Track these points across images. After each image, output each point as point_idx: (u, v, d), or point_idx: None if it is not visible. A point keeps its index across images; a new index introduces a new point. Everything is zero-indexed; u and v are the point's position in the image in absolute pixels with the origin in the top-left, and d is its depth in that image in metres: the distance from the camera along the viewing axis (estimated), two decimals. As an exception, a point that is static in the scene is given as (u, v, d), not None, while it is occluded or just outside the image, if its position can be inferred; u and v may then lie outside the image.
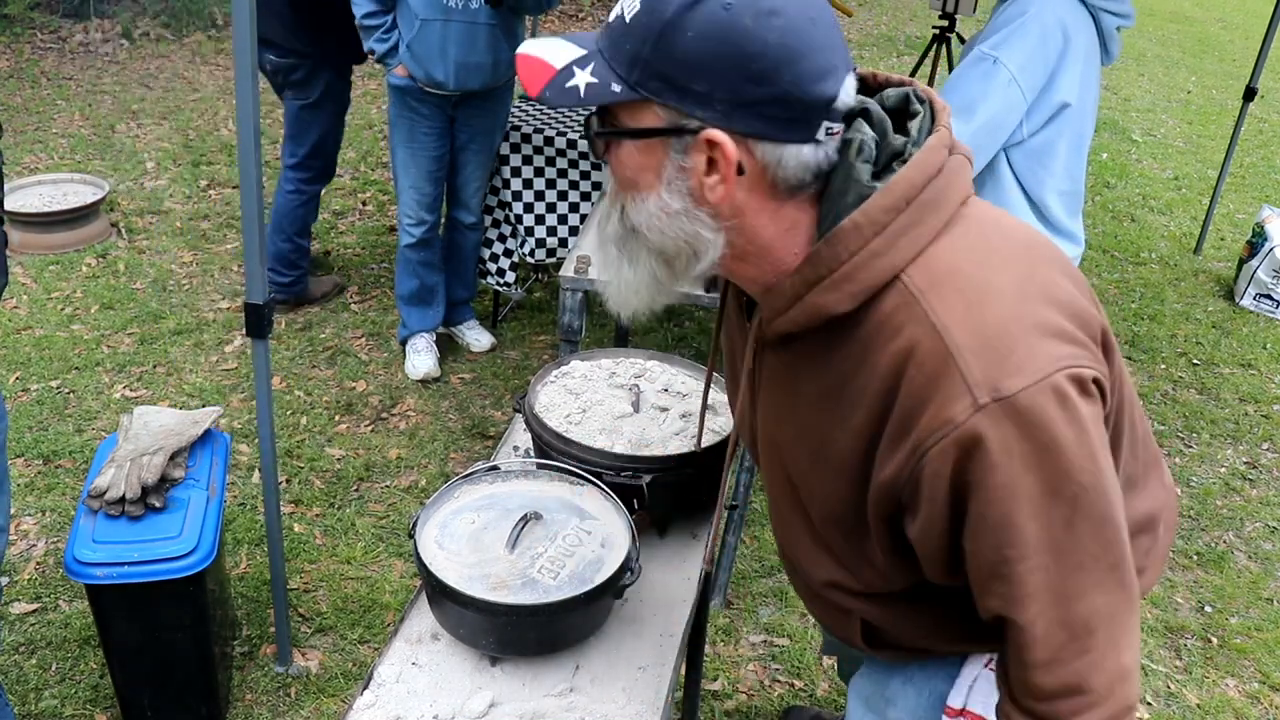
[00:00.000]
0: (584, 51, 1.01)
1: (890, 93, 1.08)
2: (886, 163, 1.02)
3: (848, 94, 0.99)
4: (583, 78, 0.98)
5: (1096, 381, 1.00)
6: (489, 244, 3.94)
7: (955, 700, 1.34)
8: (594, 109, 1.04)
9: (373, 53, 3.32)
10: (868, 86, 1.10)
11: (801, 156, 0.98)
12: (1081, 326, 1.01)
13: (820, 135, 0.98)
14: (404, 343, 3.81)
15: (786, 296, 1.04)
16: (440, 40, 3.19)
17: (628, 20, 0.98)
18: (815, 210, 1.03)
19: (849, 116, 1.02)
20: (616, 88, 0.98)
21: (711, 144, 0.97)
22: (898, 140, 1.02)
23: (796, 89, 0.94)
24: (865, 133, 1.01)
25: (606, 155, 1.05)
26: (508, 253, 3.93)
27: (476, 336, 3.98)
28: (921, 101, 1.07)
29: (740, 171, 0.98)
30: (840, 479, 1.11)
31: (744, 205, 1.01)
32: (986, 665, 1.33)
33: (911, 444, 0.99)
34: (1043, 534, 0.98)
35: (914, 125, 1.04)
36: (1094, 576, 1.01)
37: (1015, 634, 1.04)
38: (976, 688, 1.33)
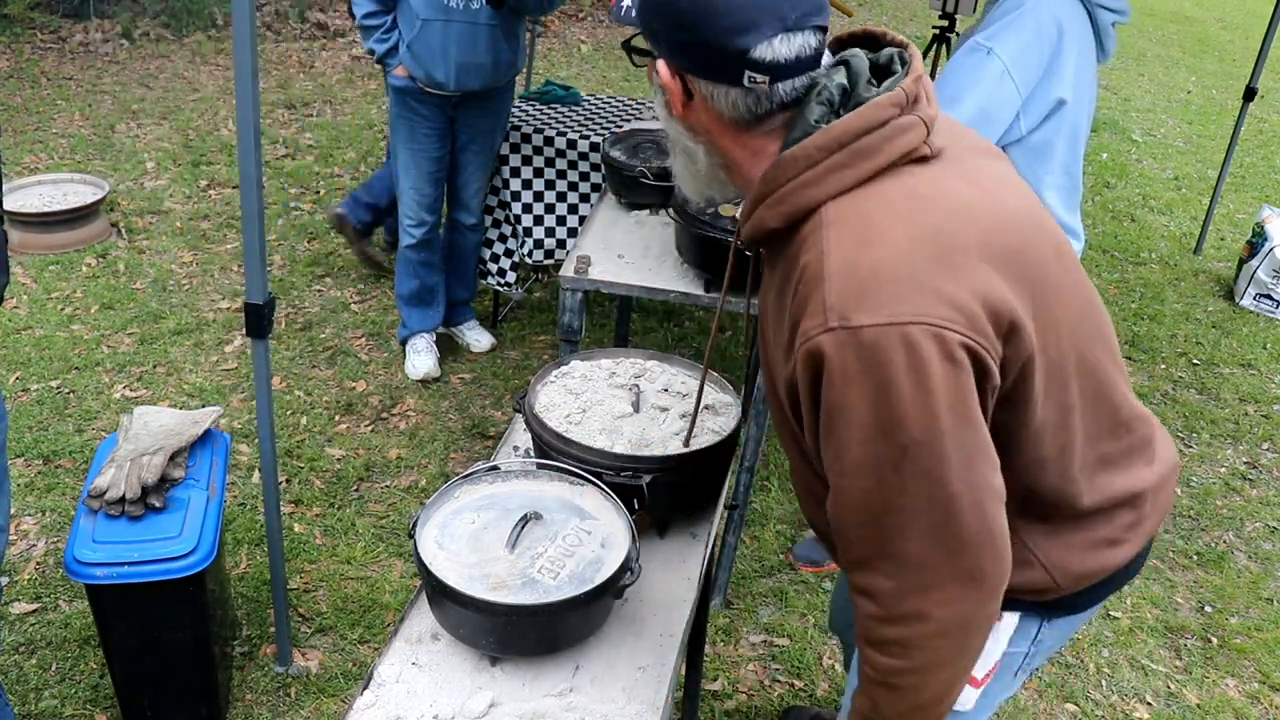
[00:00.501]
0: None
1: (885, 51, 1.24)
2: (852, 108, 1.15)
3: (779, 50, 1.12)
4: (626, 3, 1.49)
5: (970, 350, 1.07)
6: (489, 244, 3.94)
7: None
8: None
9: (373, 53, 3.32)
10: (877, 42, 1.27)
11: (730, 96, 1.16)
12: (976, 299, 1.08)
13: (745, 82, 1.14)
14: (404, 343, 3.81)
15: (746, 210, 1.22)
16: (441, 40, 3.19)
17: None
18: (782, 140, 1.18)
19: (837, 62, 1.21)
20: (634, 14, 1.32)
21: (659, 71, 1.21)
22: (868, 92, 1.15)
23: (713, 38, 1.13)
24: (834, 80, 1.16)
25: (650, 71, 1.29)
26: (508, 253, 3.93)
27: (477, 337, 3.98)
28: (904, 63, 1.20)
29: (689, 97, 1.20)
30: (778, 384, 1.25)
31: (708, 126, 1.22)
32: None
33: (795, 348, 1.12)
34: (868, 461, 1.10)
35: (888, 83, 1.17)
36: (915, 524, 1.11)
37: (835, 534, 1.20)
38: None
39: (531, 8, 3.36)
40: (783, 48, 1.12)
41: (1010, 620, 1.39)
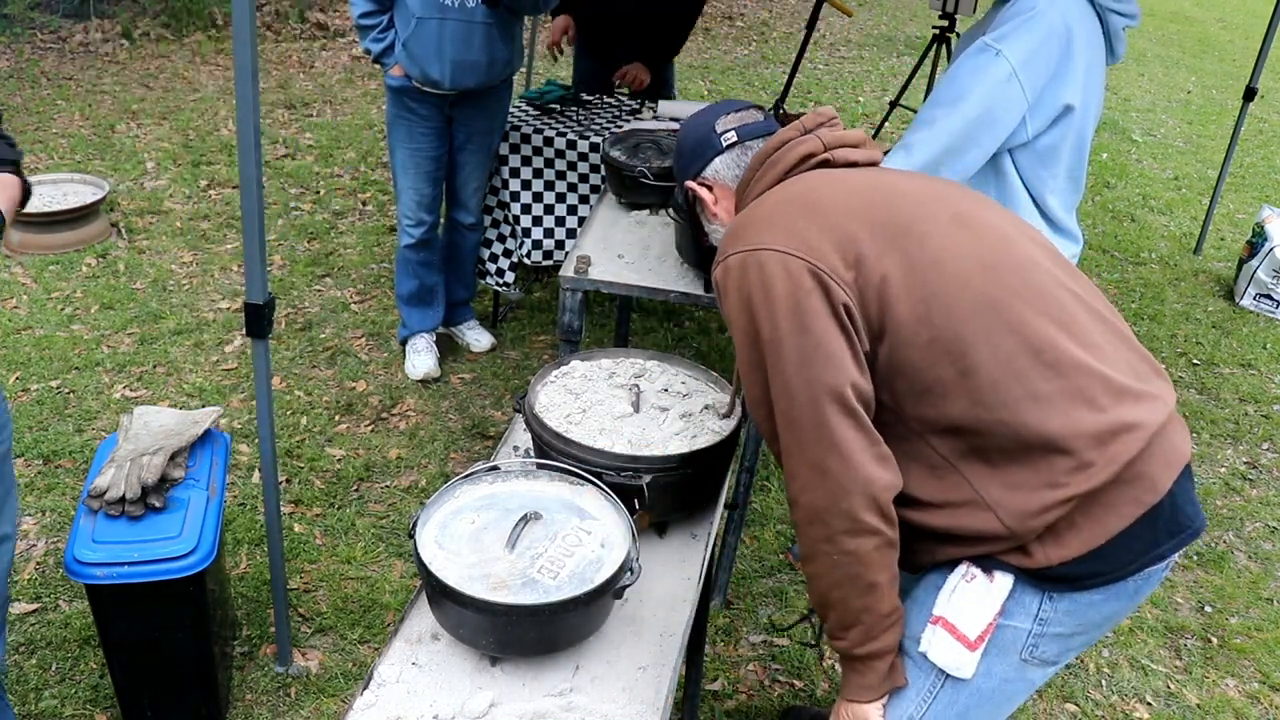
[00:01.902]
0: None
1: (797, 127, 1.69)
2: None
3: (729, 121, 1.70)
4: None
5: (813, 274, 1.38)
6: (488, 244, 3.94)
7: (937, 609, 1.45)
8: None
9: (369, 53, 3.32)
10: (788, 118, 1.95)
11: (726, 160, 1.69)
12: (825, 237, 1.40)
13: (722, 144, 1.68)
14: (404, 343, 3.81)
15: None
16: (437, 39, 3.19)
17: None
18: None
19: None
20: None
21: (690, 190, 1.75)
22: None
23: (691, 143, 1.73)
24: (748, 156, 1.69)
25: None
26: (507, 253, 3.92)
27: (476, 337, 3.98)
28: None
29: (709, 189, 1.72)
30: None
31: (727, 210, 1.71)
32: (964, 578, 1.43)
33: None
34: (747, 360, 1.44)
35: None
36: (778, 414, 1.41)
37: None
38: (955, 597, 1.44)
39: (526, 8, 3.35)
40: (732, 119, 1.70)
41: (1003, 581, 1.41)
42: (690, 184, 1.71)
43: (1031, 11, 2.09)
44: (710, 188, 1.70)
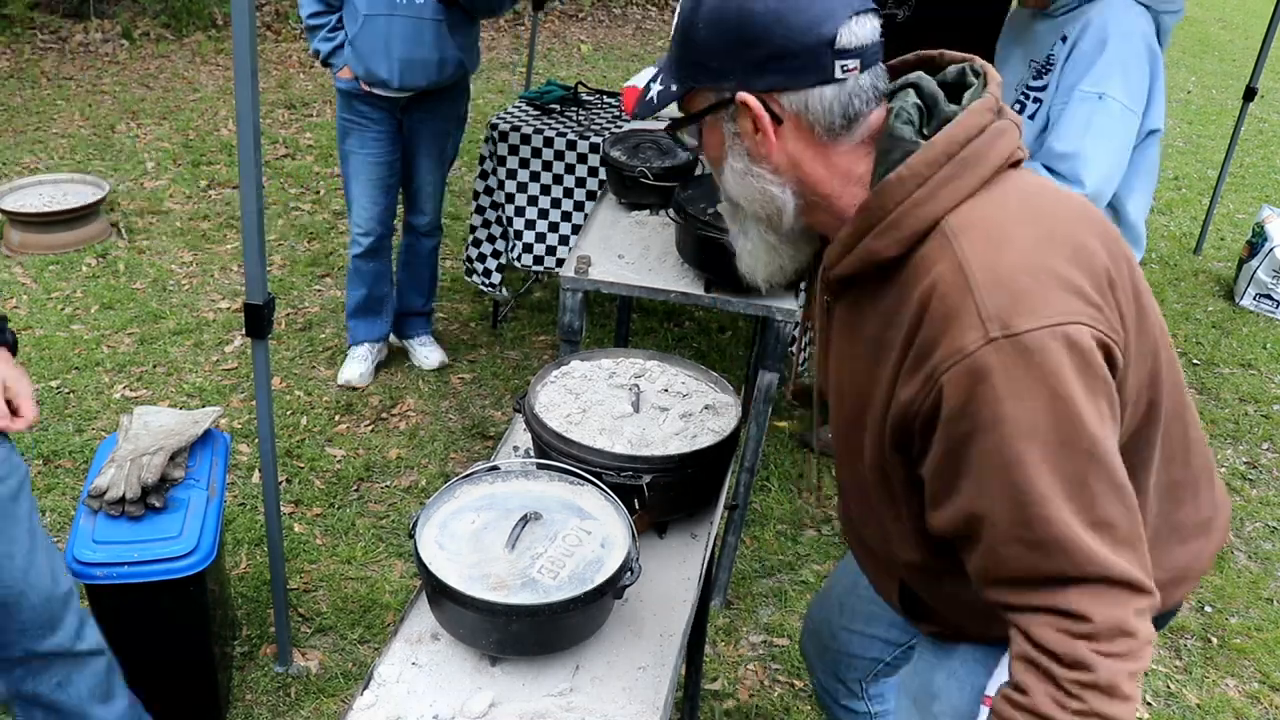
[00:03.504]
0: (655, 71, 1.25)
1: (950, 69, 1.20)
2: (938, 126, 1.12)
3: (858, 33, 1.11)
4: (654, 89, 1.22)
5: (1106, 346, 1.04)
6: (478, 244, 3.91)
7: (991, 689, 1.37)
8: (680, 113, 1.24)
9: (318, 54, 3.26)
10: (934, 64, 1.23)
11: (825, 98, 1.12)
12: (1098, 289, 1.06)
13: (839, 73, 1.11)
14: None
15: (843, 244, 1.16)
16: (384, 36, 3.11)
17: (671, 35, 1.21)
18: (870, 165, 1.15)
19: (899, 85, 1.18)
20: (673, 87, 1.20)
21: (744, 105, 1.13)
22: (949, 108, 1.13)
23: (794, 39, 1.09)
24: (907, 101, 1.14)
25: (699, 148, 1.25)
26: (496, 254, 3.90)
27: (427, 354, 3.82)
28: (977, 75, 1.17)
29: (778, 122, 1.14)
30: (877, 420, 1.18)
31: (796, 156, 1.16)
32: None
33: (928, 370, 1.06)
34: (1059, 484, 1.01)
35: (967, 95, 1.14)
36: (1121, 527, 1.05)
37: (993, 574, 1.10)
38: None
39: (481, 10, 3.28)
40: (860, 30, 1.12)
41: None
42: (743, 95, 1.13)
43: (1106, 44, 2.10)
44: (779, 117, 1.14)
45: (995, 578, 1.09)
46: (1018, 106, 2.29)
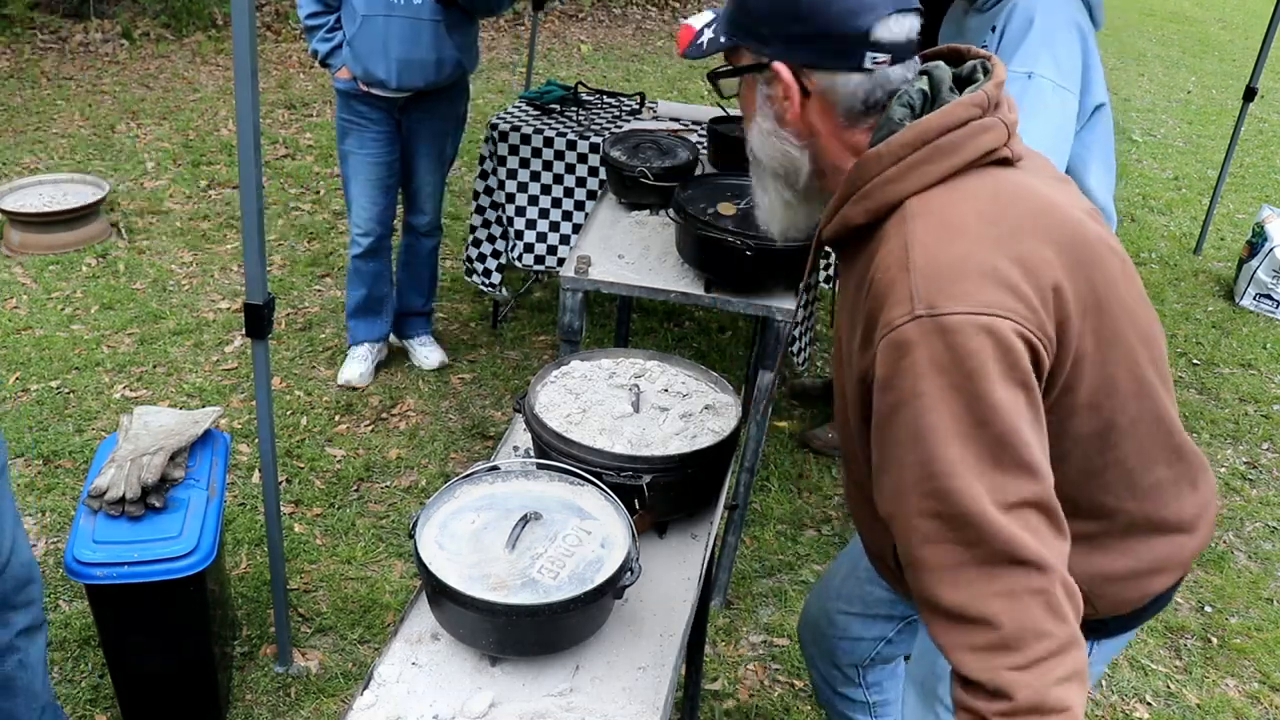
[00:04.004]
0: (712, 17, 1.33)
1: (968, 64, 1.27)
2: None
3: (894, 30, 1.17)
4: (706, 35, 1.31)
5: (1029, 343, 1.07)
6: (478, 244, 3.91)
7: None
8: (725, 64, 1.31)
9: (316, 54, 3.26)
10: (959, 57, 1.30)
11: (850, 84, 1.19)
12: (1038, 292, 1.08)
13: (868, 64, 1.18)
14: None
15: (830, 208, 1.26)
16: (382, 36, 3.11)
17: None
18: (869, 140, 1.22)
19: (920, 71, 1.23)
20: (721, 39, 1.28)
21: (777, 73, 1.21)
22: (948, 98, 1.19)
23: (834, 25, 1.17)
24: (914, 87, 1.20)
25: (735, 99, 1.33)
26: (496, 254, 3.90)
27: (427, 354, 3.83)
28: (986, 72, 1.23)
29: (805, 94, 1.22)
30: (852, 387, 1.23)
31: (817, 127, 1.24)
32: None
33: (872, 340, 1.12)
34: (970, 460, 1.03)
35: (970, 88, 1.20)
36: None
37: (919, 550, 1.10)
38: None
39: (480, 8, 3.29)
40: (897, 27, 1.18)
41: None
42: (778, 65, 1.21)
43: (1030, 27, 2.08)
44: (808, 90, 1.21)
45: (915, 570, 1.09)
46: None
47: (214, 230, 4.72)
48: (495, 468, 1.63)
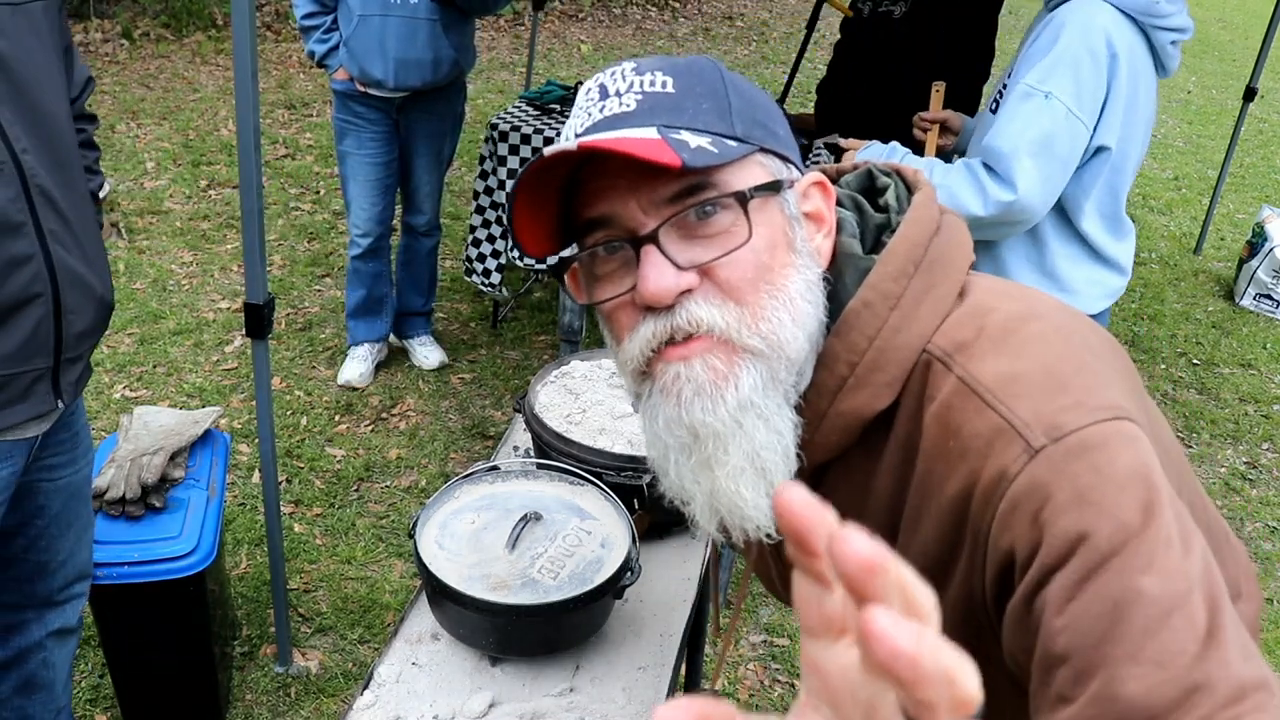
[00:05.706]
0: (656, 125, 0.82)
1: (848, 178, 0.97)
2: (875, 239, 0.89)
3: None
4: (692, 141, 0.80)
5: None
6: (477, 244, 3.91)
7: None
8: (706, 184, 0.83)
9: (313, 55, 3.26)
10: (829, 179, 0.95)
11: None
12: (1130, 387, 0.85)
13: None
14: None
15: (807, 417, 0.84)
16: (379, 35, 3.11)
17: (669, 90, 0.84)
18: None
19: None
20: (730, 143, 0.82)
21: (820, 187, 0.87)
22: (877, 216, 0.90)
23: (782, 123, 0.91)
24: (842, 213, 0.90)
25: (722, 239, 0.82)
26: (495, 254, 3.90)
27: (427, 354, 3.83)
28: (885, 174, 0.95)
29: (825, 192, 0.89)
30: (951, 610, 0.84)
31: (818, 234, 0.89)
32: None
33: (971, 531, 0.79)
34: (1167, 586, 0.70)
35: (889, 196, 0.91)
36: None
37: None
38: None
39: (475, 8, 3.29)
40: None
41: None
42: (813, 174, 0.88)
43: (1057, 42, 1.92)
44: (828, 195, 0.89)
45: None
46: (993, 104, 2.13)
47: (214, 230, 4.72)
48: (495, 468, 1.63)
